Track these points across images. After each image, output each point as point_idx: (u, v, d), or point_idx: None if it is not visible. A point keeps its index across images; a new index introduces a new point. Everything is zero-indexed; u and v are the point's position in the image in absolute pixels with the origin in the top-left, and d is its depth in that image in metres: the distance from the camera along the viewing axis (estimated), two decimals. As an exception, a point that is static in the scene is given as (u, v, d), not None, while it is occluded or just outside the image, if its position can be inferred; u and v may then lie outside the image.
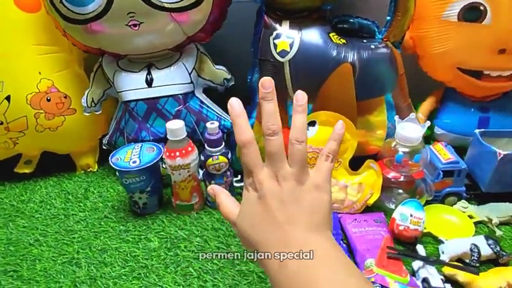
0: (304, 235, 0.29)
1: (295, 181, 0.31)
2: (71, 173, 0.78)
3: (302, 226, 0.29)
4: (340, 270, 0.28)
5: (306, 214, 0.30)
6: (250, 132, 0.32)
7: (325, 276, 0.27)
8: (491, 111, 0.74)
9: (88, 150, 0.80)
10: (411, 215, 0.56)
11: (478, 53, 0.66)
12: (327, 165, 0.33)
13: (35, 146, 0.75)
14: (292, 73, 0.62)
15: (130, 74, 0.67)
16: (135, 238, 0.59)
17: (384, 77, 0.64)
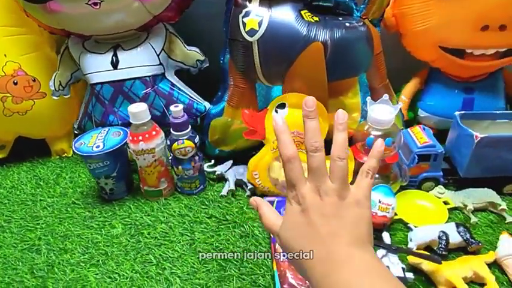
0: (347, 249, 0.30)
1: (336, 196, 0.31)
2: (45, 159, 0.76)
3: (345, 240, 0.30)
4: (383, 284, 0.28)
5: (348, 228, 0.31)
6: (294, 148, 0.33)
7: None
8: (476, 93, 0.70)
9: (63, 135, 0.78)
10: (379, 201, 0.53)
11: (460, 30, 0.61)
12: (367, 182, 0.33)
13: (6, 130, 0.73)
14: (261, 53, 0.58)
15: (95, 55, 0.64)
16: (99, 224, 0.57)
17: (358, 57, 0.60)
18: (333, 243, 0.30)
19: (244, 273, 0.48)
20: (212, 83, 0.71)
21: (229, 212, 0.59)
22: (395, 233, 0.54)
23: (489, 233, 0.54)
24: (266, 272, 0.48)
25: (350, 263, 0.29)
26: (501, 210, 0.57)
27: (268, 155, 0.59)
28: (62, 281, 0.48)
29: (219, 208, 0.60)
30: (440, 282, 0.46)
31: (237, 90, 0.64)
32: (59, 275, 0.49)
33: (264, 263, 0.50)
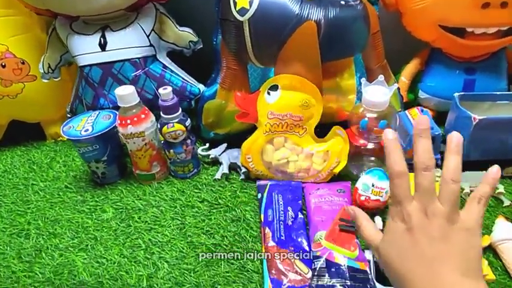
0: (456, 278, 0.28)
1: (445, 219, 0.30)
2: (40, 142, 0.74)
3: (453, 267, 0.29)
4: None
5: (457, 255, 0.29)
6: (404, 164, 0.32)
7: None
8: (478, 73, 0.66)
9: (57, 118, 0.75)
10: (373, 185, 0.51)
11: (460, 8, 0.57)
12: (479, 209, 0.31)
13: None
14: (252, 33, 0.54)
15: (83, 37, 0.61)
16: (91, 209, 0.56)
17: (353, 37, 0.56)
18: (441, 268, 0.28)
19: (233, 258, 0.47)
20: (206, 65, 0.68)
21: (222, 196, 0.57)
22: (386, 217, 0.52)
23: (485, 216, 0.52)
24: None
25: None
26: (499, 194, 0.54)
27: (261, 138, 0.57)
28: (49, 265, 0.46)
29: (211, 192, 0.58)
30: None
31: (230, 72, 0.60)
32: (47, 259, 0.47)
33: (253, 247, 0.48)
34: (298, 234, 0.48)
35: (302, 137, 0.57)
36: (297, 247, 0.46)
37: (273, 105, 0.55)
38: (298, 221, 0.50)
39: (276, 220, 0.50)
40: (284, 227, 0.49)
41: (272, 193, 0.54)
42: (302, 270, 0.44)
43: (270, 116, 0.55)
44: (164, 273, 0.45)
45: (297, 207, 0.52)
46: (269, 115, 0.55)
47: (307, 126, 0.57)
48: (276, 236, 0.47)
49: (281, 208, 0.52)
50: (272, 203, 0.53)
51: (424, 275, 0.29)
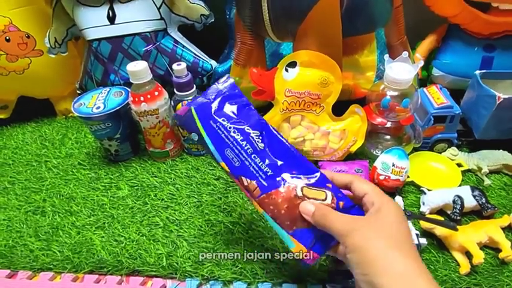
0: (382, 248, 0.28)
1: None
2: (50, 119, 0.70)
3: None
4: None
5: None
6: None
7: None
8: (497, 51, 0.61)
9: (67, 94, 0.70)
10: (393, 164, 0.47)
11: (490, -21, 0.51)
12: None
13: (6, 90, 0.65)
14: (270, 6, 0.49)
15: (90, 9, 0.55)
16: (106, 186, 0.52)
17: (376, 10, 0.50)
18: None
19: (252, 236, 0.44)
20: (217, 40, 0.62)
21: (237, 174, 0.54)
22: (407, 196, 0.49)
23: (502, 195, 0.49)
24: (275, 235, 0.44)
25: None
26: (483, 173, 0.51)
27: (277, 116, 0.52)
28: (67, 244, 0.44)
29: (226, 170, 0.55)
30: (453, 248, 0.41)
31: (244, 48, 0.55)
32: (64, 238, 0.44)
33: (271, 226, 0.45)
34: (283, 154, 0.35)
35: (319, 116, 0.53)
36: (298, 170, 0.34)
37: (290, 83, 0.51)
38: (269, 137, 0.35)
39: (244, 158, 0.34)
40: (261, 158, 0.34)
41: (209, 122, 0.35)
42: (317, 197, 0.33)
43: (288, 93, 0.51)
44: (184, 251, 0.42)
45: (254, 119, 0.36)
46: (286, 93, 0.51)
47: (324, 105, 0.52)
48: (261, 179, 0.34)
49: (237, 137, 0.35)
50: (219, 137, 0.35)
51: None
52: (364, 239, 0.28)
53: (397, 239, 0.28)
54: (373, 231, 0.28)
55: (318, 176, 0.34)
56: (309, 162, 0.35)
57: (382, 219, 0.29)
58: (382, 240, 0.28)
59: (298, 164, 0.34)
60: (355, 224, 0.29)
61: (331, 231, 0.30)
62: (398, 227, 0.29)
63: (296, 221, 0.33)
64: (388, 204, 0.30)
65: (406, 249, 0.27)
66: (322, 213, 0.31)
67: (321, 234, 0.32)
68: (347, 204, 0.33)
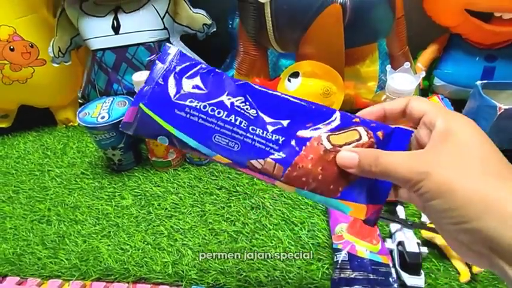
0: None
1: None
2: (51, 128, 0.73)
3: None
4: None
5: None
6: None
7: None
8: (498, 61, 0.65)
9: (68, 103, 0.74)
10: (395, 175, 0.51)
11: (490, -9, 0.55)
12: None
13: (8, 99, 0.69)
14: (274, 16, 0.53)
15: (95, 19, 0.59)
16: (109, 195, 0.56)
17: (378, 21, 0.54)
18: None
19: (256, 245, 0.47)
20: (219, 49, 0.67)
21: (239, 184, 0.57)
22: (408, 206, 0.53)
23: None
24: (278, 244, 0.47)
25: None
26: None
27: (279, 125, 0.56)
28: (74, 252, 0.47)
29: (228, 179, 0.58)
30: (454, 256, 0.45)
31: (247, 57, 0.59)
32: (71, 246, 0.48)
33: (275, 234, 0.49)
34: (284, 110, 0.28)
35: (321, 125, 0.57)
36: (312, 120, 0.28)
37: (293, 93, 0.55)
38: (258, 98, 0.28)
39: (243, 136, 0.27)
40: (261, 127, 0.28)
41: (174, 112, 0.28)
42: (350, 140, 0.27)
43: (290, 103, 0.55)
44: (189, 259, 0.45)
45: (229, 84, 0.28)
46: (289, 102, 0.55)
47: (326, 114, 0.56)
48: (275, 151, 0.27)
49: (220, 114, 0.27)
50: (197, 125, 0.27)
51: None
52: (448, 179, 0.21)
53: (490, 165, 0.22)
54: (455, 164, 0.22)
55: (338, 116, 0.28)
56: (319, 105, 0.28)
57: (458, 143, 0.22)
58: (473, 173, 0.21)
59: (308, 113, 0.28)
60: (425, 162, 0.23)
61: (394, 179, 0.24)
62: (484, 147, 0.22)
63: (339, 179, 0.27)
64: (458, 121, 0.23)
65: (507, 175, 0.21)
66: (371, 160, 0.24)
67: (372, 181, 0.27)
68: (386, 131, 0.27)
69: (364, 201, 0.27)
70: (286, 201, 0.54)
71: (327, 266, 0.44)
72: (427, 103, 0.26)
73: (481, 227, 0.20)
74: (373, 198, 0.27)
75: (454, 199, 0.21)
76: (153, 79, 0.28)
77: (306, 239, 0.48)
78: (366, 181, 0.27)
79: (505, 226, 0.20)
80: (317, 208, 0.53)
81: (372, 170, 0.24)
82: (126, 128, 0.28)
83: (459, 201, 0.21)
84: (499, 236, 0.20)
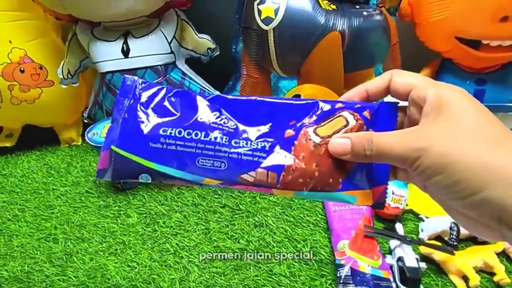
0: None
1: None
2: (54, 147, 0.77)
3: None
4: None
5: None
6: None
7: None
8: (488, 84, 0.70)
9: (71, 123, 0.78)
10: (393, 193, 0.55)
11: (478, 21, 0.61)
12: None
13: (14, 118, 0.73)
14: (277, 42, 0.58)
15: (105, 43, 0.64)
16: (115, 214, 0.58)
17: (375, 47, 0.60)
18: None
19: (261, 262, 0.50)
20: (221, 72, 0.71)
21: (242, 202, 0.60)
22: (406, 223, 0.56)
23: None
24: (282, 261, 0.50)
25: None
26: None
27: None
28: (81, 269, 0.49)
29: (231, 198, 0.61)
30: (451, 272, 0.48)
31: (250, 80, 0.64)
32: (78, 263, 0.50)
33: (279, 251, 0.52)
34: (263, 113, 0.27)
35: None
36: (294, 117, 0.27)
37: (295, 114, 0.59)
38: (232, 108, 0.28)
39: (227, 153, 0.26)
40: (244, 139, 0.27)
41: (150, 146, 0.26)
42: (338, 128, 0.26)
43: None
44: (195, 276, 0.48)
45: (204, 102, 0.28)
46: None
47: (327, 135, 0.60)
48: (264, 159, 0.26)
49: (198, 136, 0.26)
50: (177, 154, 0.26)
51: None
52: (447, 151, 0.21)
53: (488, 131, 0.21)
54: (452, 135, 0.21)
55: (319, 106, 0.27)
56: (297, 99, 0.28)
57: (453, 114, 0.22)
58: (472, 142, 0.20)
59: (288, 110, 0.27)
60: (421, 137, 0.22)
61: (390, 160, 0.23)
62: (480, 115, 0.22)
63: (337, 171, 0.26)
64: (450, 91, 0.23)
65: (506, 141, 0.20)
66: (364, 143, 0.24)
67: (371, 164, 0.26)
68: (372, 110, 0.27)
69: (368, 186, 0.26)
70: (288, 219, 0.57)
71: (330, 281, 0.47)
72: (413, 76, 0.25)
73: (488, 198, 0.19)
74: (375, 181, 0.26)
75: (456, 172, 0.20)
76: (119, 116, 0.27)
77: (309, 256, 0.51)
78: (364, 166, 0.26)
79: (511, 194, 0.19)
80: (318, 226, 0.56)
81: (367, 154, 0.24)
82: (102, 175, 0.27)
83: (462, 173, 0.20)
84: (506, 205, 0.19)
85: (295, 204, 0.60)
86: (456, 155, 0.20)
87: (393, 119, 0.26)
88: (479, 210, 0.20)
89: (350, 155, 0.25)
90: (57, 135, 0.77)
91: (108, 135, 0.27)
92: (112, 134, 0.27)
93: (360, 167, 0.26)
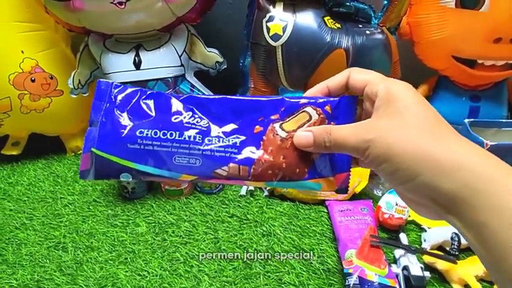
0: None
1: None
2: (60, 155, 0.76)
3: None
4: None
5: None
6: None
7: None
8: (482, 101, 0.73)
9: (78, 132, 0.78)
10: (396, 204, 0.56)
11: (473, 42, 0.64)
12: None
13: (22, 127, 0.73)
14: (285, 58, 0.60)
15: (117, 55, 0.64)
16: (123, 223, 0.58)
17: (377, 65, 0.62)
18: None
19: (270, 271, 0.50)
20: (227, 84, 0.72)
21: (250, 212, 0.61)
22: (409, 234, 0.57)
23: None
24: (291, 270, 0.50)
25: None
26: None
27: (288, 157, 0.61)
28: (92, 278, 0.49)
29: (239, 207, 0.62)
30: (454, 280, 0.49)
31: (258, 94, 0.65)
32: (88, 272, 0.50)
33: (287, 261, 0.52)
34: (234, 112, 0.29)
35: (326, 157, 0.62)
36: (261, 113, 0.29)
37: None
38: (206, 107, 0.29)
39: (201, 151, 0.28)
40: (216, 137, 0.28)
41: (128, 147, 0.28)
42: (302, 122, 0.28)
43: (299, 136, 0.60)
44: (206, 285, 0.48)
45: (177, 103, 0.29)
46: (297, 135, 0.60)
47: (331, 147, 0.62)
48: (236, 154, 0.28)
49: (173, 136, 0.28)
50: (154, 153, 0.28)
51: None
52: (392, 142, 0.23)
53: (428, 124, 0.23)
54: (397, 127, 0.23)
55: (285, 103, 0.29)
56: (265, 96, 0.30)
57: (399, 107, 0.24)
58: (414, 134, 0.23)
59: (256, 107, 0.29)
60: (369, 129, 0.24)
61: (346, 150, 0.26)
62: (422, 109, 0.24)
63: (302, 162, 0.28)
64: (398, 86, 0.25)
65: (442, 132, 0.23)
66: (324, 136, 0.26)
67: (333, 154, 0.28)
68: (333, 104, 0.29)
69: (331, 174, 0.28)
70: (295, 229, 0.58)
71: (338, 292, 0.48)
72: (368, 73, 0.27)
73: (423, 182, 0.22)
74: (337, 169, 0.28)
75: (399, 161, 0.23)
76: (97, 119, 0.28)
77: (316, 265, 0.52)
78: (327, 156, 0.28)
79: (440, 177, 0.22)
80: (325, 235, 0.57)
81: (327, 145, 0.26)
82: (85, 176, 0.28)
83: (403, 162, 0.23)
84: (437, 187, 0.22)
85: (301, 214, 0.61)
86: (398, 146, 0.23)
87: (352, 112, 0.29)
88: (417, 193, 0.23)
89: (313, 147, 0.27)
90: (63, 143, 0.77)
91: (87, 138, 0.28)
92: (91, 137, 0.28)
93: (323, 157, 0.28)
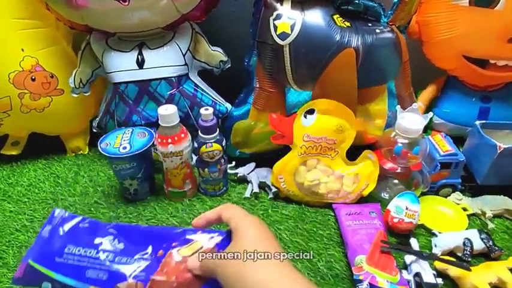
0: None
1: None
2: (60, 156, 0.75)
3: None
4: None
5: None
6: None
7: None
8: (493, 102, 0.72)
9: (78, 132, 0.76)
10: (407, 208, 0.55)
11: (486, 41, 0.62)
12: None
13: (22, 127, 0.71)
14: (292, 57, 0.58)
15: (120, 53, 0.63)
16: (126, 225, 0.57)
17: (387, 64, 0.60)
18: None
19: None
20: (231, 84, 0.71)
21: (255, 214, 0.59)
22: (419, 238, 0.56)
23: (505, 238, 0.57)
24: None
25: None
26: (487, 217, 0.59)
27: (295, 159, 0.60)
28: (95, 284, 0.47)
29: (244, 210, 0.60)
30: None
31: (264, 93, 0.64)
32: (92, 277, 0.48)
33: (294, 266, 0.50)
34: (148, 238, 0.37)
35: (334, 160, 0.61)
36: (166, 242, 0.37)
37: (309, 128, 0.59)
38: (126, 234, 0.38)
39: (109, 267, 0.35)
40: (128, 256, 0.36)
41: (55, 261, 0.35)
42: (195, 250, 0.36)
43: (306, 138, 0.59)
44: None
45: (100, 228, 0.38)
46: (305, 138, 0.59)
47: (339, 150, 0.60)
48: (140, 272, 0.34)
49: (91, 253, 0.36)
50: (73, 267, 0.35)
51: None
52: (230, 271, 0.31)
53: (261, 250, 0.31)
54: (234, 260, 0.31)
55: (186, 234, 0.37)
56: (174, 228, 0.38)
57: (240, 239, 0.32)
58: (244, 264, 0.31)
59: (164, 236, 0.37)
60: (214, 261, 0.33)
61: (210, 275, 0.33)
62: (259, 238, 0.33)
63: (195, 282, 0.34)
64: (245, 221, 0.34)
65: (270, 262, 0.31)
66: (205, 262, 0.33)
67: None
68: (221, 234, 0.37)
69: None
70: (302, 232, 0.57)
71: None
72: (230, 210, 0.37)
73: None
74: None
75: (230, 283, 0.31)
76: (42, 238, 0.37)
77: (324, 270, 0.50)
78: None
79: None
80: (332, 240, 0.56)
81: (205, 272, 0.34)
82: (18, 282, 0.35)
83: (233, 284, 0.31)
84: None
85: (307, 217, 0.60)
86: (231, 272, 0.31)
87: (228, 240, 0.35)
88: None
89: (200, 272, 0.34)
90: (63, 143, 0.76)
91: (29, 251, 0.36)
92: (32, 251, 0.36)
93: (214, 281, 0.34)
